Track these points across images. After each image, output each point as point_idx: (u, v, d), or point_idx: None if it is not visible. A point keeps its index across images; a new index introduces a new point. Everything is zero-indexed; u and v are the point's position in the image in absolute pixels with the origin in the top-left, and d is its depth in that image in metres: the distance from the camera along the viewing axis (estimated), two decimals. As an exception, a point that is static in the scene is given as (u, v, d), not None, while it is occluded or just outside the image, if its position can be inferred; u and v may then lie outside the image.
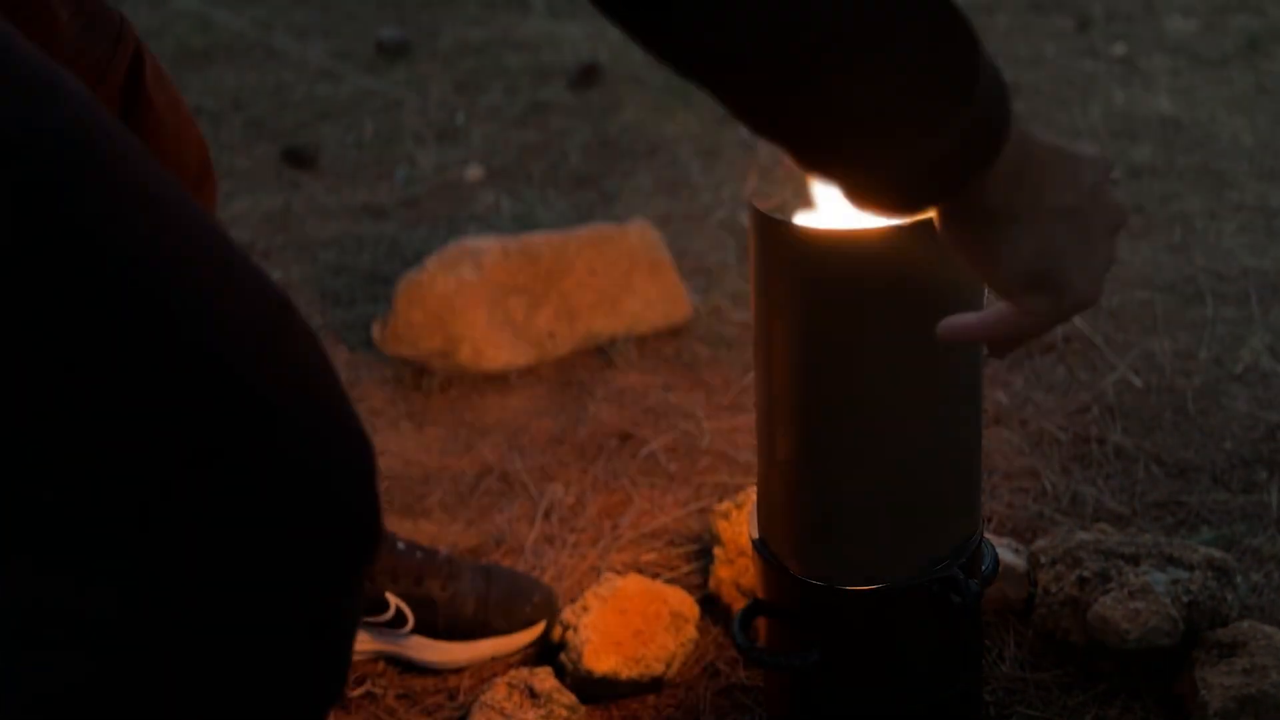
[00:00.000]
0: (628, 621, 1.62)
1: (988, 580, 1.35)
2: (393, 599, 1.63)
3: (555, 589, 1.75)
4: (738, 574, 1.69)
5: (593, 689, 1.59)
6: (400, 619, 1.64)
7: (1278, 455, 1.95)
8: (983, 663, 1.52)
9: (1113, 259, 0.97)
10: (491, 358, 2.27)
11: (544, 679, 1.55)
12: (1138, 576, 1.56)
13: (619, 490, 1.97)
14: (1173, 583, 1.55)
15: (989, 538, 1.39)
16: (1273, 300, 2.36)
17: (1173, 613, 1.52)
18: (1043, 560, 1.65)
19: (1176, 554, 1.60)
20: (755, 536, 1.38)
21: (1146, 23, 3.82)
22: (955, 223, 0.95)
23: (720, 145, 3.14)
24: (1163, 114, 3.19)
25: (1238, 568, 1.61)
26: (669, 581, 1.76)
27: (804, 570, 1.32)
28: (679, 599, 1.67)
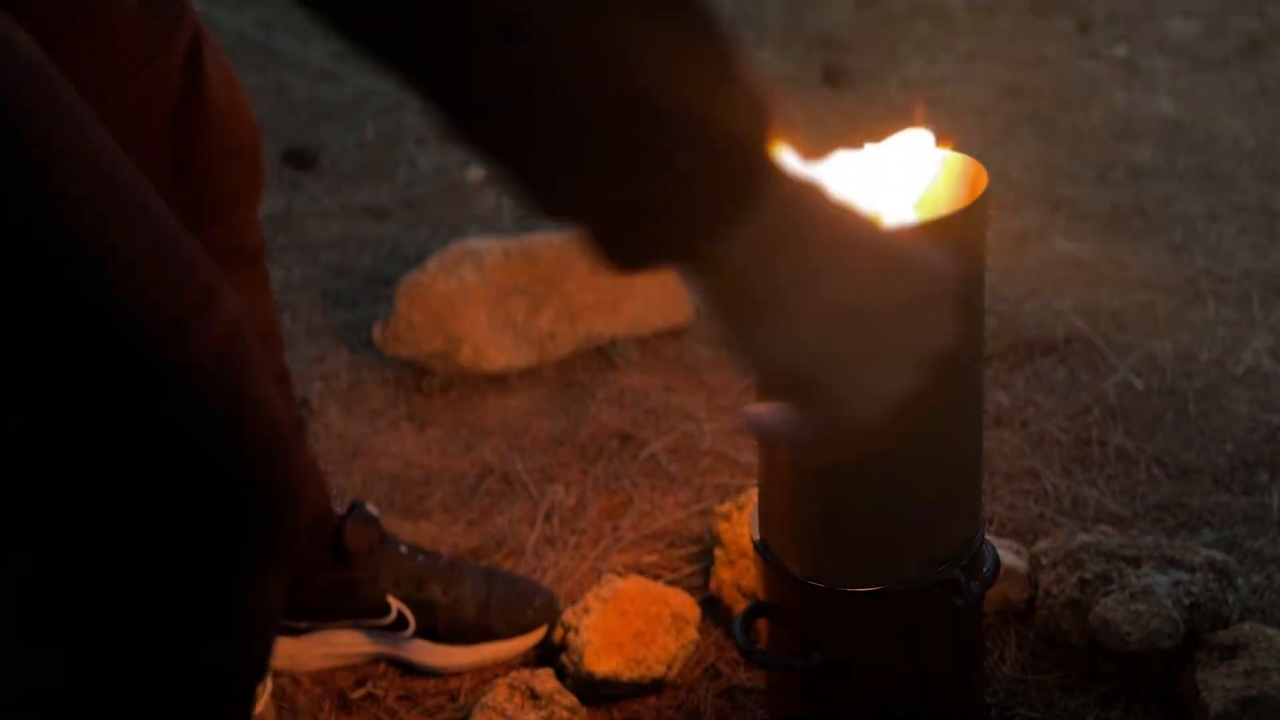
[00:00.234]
0: (629, 623, 1.62)
1: (989, 582, 1.35)
2: (394, 602, 1.64)
3: (556, 590, 1.75)
4: (739, 575, 1.69)
5: (594, 690, 1.59)
6: (402, 622, 1.64)
7: (1279, 457, 1.95)
8: (984, 664, 1.52)
9: (909, 389, 0.80)
10: (492, 359, 2.27)
11: (545, 680, 1.55)
12: (1139, 578, 1.56)
13: (620, 491, 1.97)
14: (1174, 585, 1.55)
15: (990, 539, 1.39)
16: (1274, 302, 2.36)
17: (1174, 615, 1.52)
18: (1044, 562, 1.65)
19: (1178, 556, 1.60)
20: (756, 538, 1.38)
21: (1147, 24, 3.82)
22: (711, 296, 0.77)
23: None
24: (1164, 116, 3.19)
25: (1239, 570, 1.61)
26: (670, 583, 1.76)
27: (805, 572, 1.32)
28: (680, 600, 1.67)
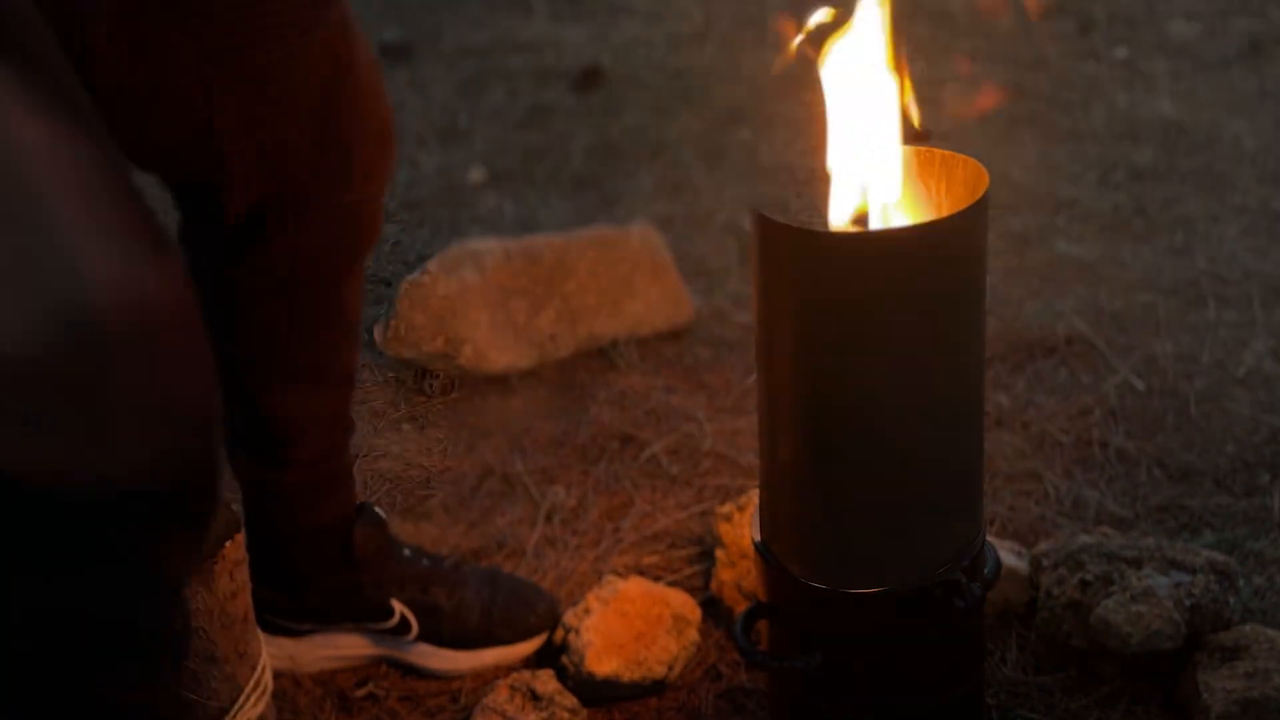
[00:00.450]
0: (629, 624, 1.62)
1: (990, 583, 1.35)
2: (398, 606, 1.64)
3: (557, 591, 1.76)
4: (740, 576, 1.69)
5: (594, 691, 1.59)
6: (405, 626, 1.64)
7: (1280, 458, 1.95)
8: (985, 666, 1.52)
9: None
10: (493, 360, 2.27)
11: (546, 681, 1.55)
12: (1140, 580, 1.56)
13: (621, 492, 1.97)
14: (1175, 586, 1.55)
15: (991, 541, 1.39)
16: (1275, 303, 2.36)
17: (1175, 616, 1.52)
18: (1045, 563, 1.65)
19: (1179, 557, 1.60)
20: (757, 539, 1.38)
21: (1148, 26, 3.82)
22: None
23: (722, 148, 3.14)
24: (1165, 117, 3.19)
25: (1240, 571, 1.61)
26: (671, 584, 1.76)
27: (806, 573, 1.32)
28: (681, 601, 1.67)
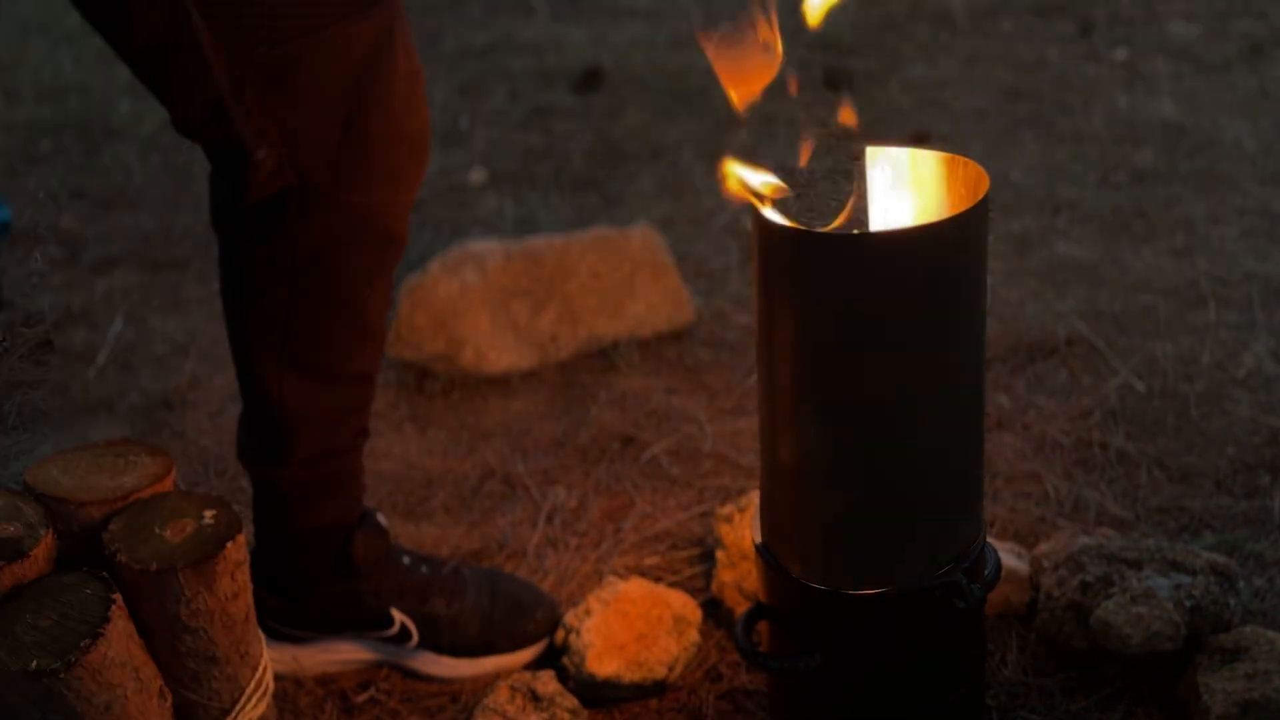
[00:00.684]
0: (630, 625, 1.62)
1: (990, 585, 1.35)
2: (398, 615, 1.64)
3: (558, 592, 1.76)
4: (740, 578, 1.69)
5: (595, 692, 1.59)
6: (405, 635, 1.65)
7: (1280, 460, 1.95)
8: (985, 667, 1.52)
9: None
10: (494, 361, 2.27)
11: (546, 682, 1.55)
12: (1140, 581, 1.56)
13: (621, 493, 1.97)
14: (1175, 587, 1.55)
15: (991, 542, 1.39)
16: (1275, 304, 2.36)
17: (1175, 617, 1.52)
18: (1045, 565, 1.66)
19: (1179, 559, 1.60)
20: (758, 540, 1.38)
21: (1149, 27, 3.83)
22: None
23: (723, 149, 3.14)
24: (1165, 118, 3.19)
25: (1240, 573, 1.61)
26: (671, 585, 1.76)
27: (807, 574, 1.32)
28: (681, 602, 1.67)
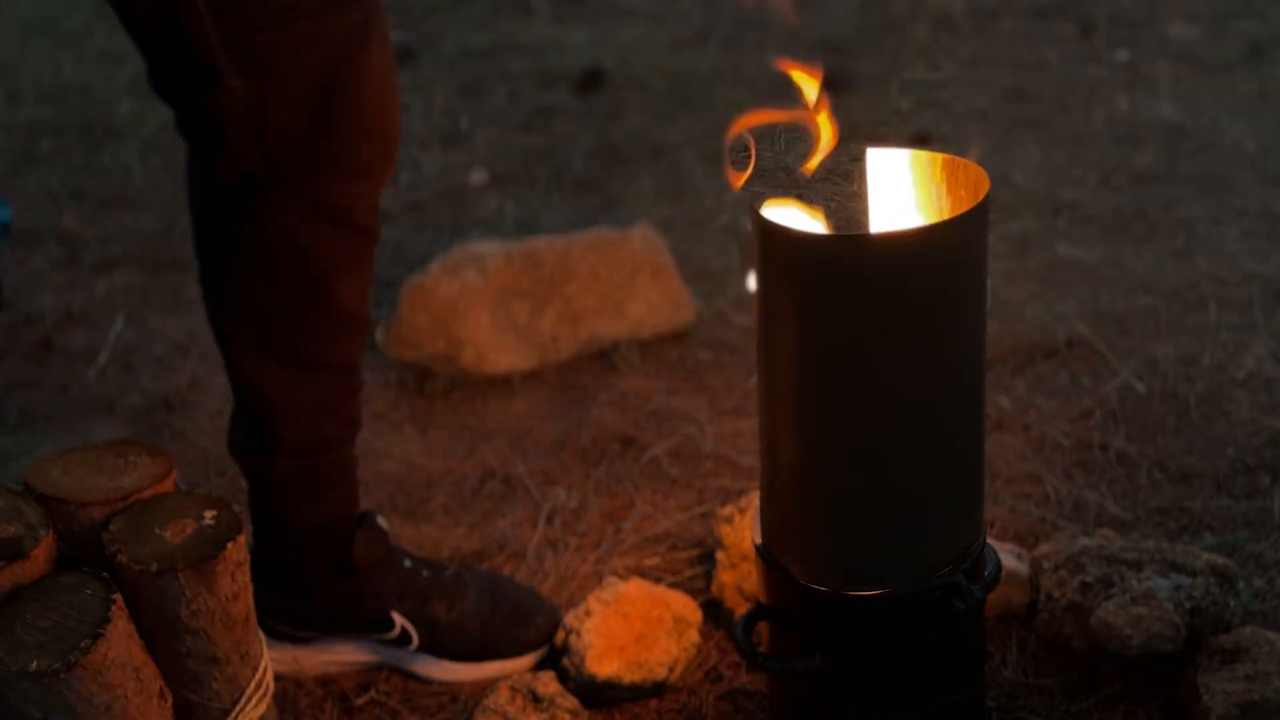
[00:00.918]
0: (630, 626, 1.62)
1: (990, 586, 1.35)
2: (398, 618, 1.64)
3: (558, 593, 1.76)
4: (740, 578, 1.69)
5: (595, 693, 1.59)
6: (405, 638, 1.65)
7: (1281, 461, 1.95)
8: (985, 668, 1.52)
9: None
10: (495, 362, 2.27)
11: (547, 683, 1.55)
12: (1140, 582, 1.56)
13: (621, 494, 1.97)
14: (1175, 589, 1.55)
15: (991, 543, 1.39)
16: (1276, 306, 2.36)
17: (1175, 619, 1.52)
18: (1045, 566, 1.66)
19: (1179, 560, 1.60)
20: (758, 541, 1.38)
21: (1150, 29, 3.83)
22: None
23: (724, 150, 3.14)
24: (1166, 120, 3.19)
25: (1240, 574, 1.61)
26: (672, 586, 1.76)
27: (807, 575, 1.32)
28: (682, 603, 1.67)
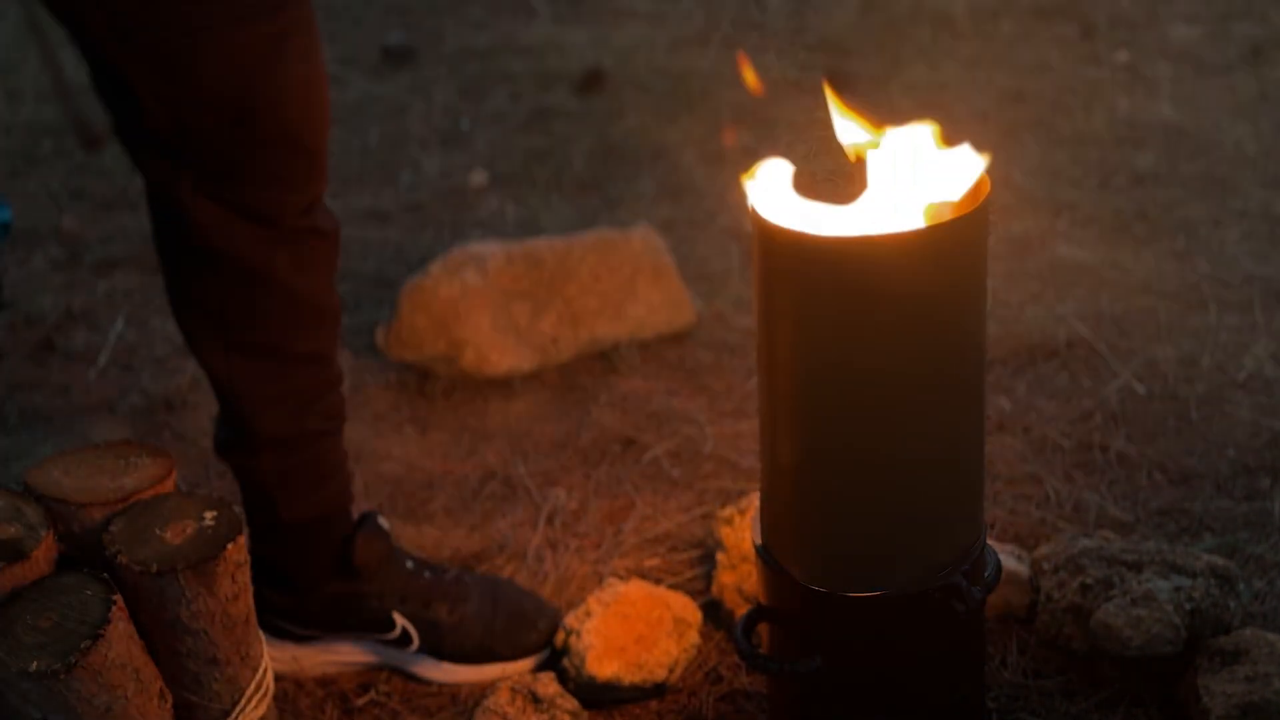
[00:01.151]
0: (630, 627, 1.62)
1: (990, 587, 1.35)
2: (399, 619, 1.64)
3: (558, 595, 1.76)
4: (741, 579, 1.69)
5: (596, 694, 1.59)
6: (406, 639, 1.65)
7: (1281, 462, 1.95)
8: (985, 669, 1.52)
9: None
10: (495, 362, 2.27)
11: (547, 684, 1.55)
12: (1140, 584, 1.56)
13: (622, 495, 1.98)
14: (1175, 590, 1.55)
15: (991, 544, 1.39)
16: (1276, 307, 2.36)
17: (1175, 620, 1.52)
18: (1045, 567, 1.66)
19: (1179, 561, 1.60)
20: (758, 542, 1.38)
21: (1150, 30, 3.82)
22: None
23: (724, 151, 3.14)
24: (1166, 121, 3.19)
25: (1240, 575, 1.61)
26: (672, 587, 1.76)
27: (807, 576, 1.32)
28: (682, 604, 1.67)
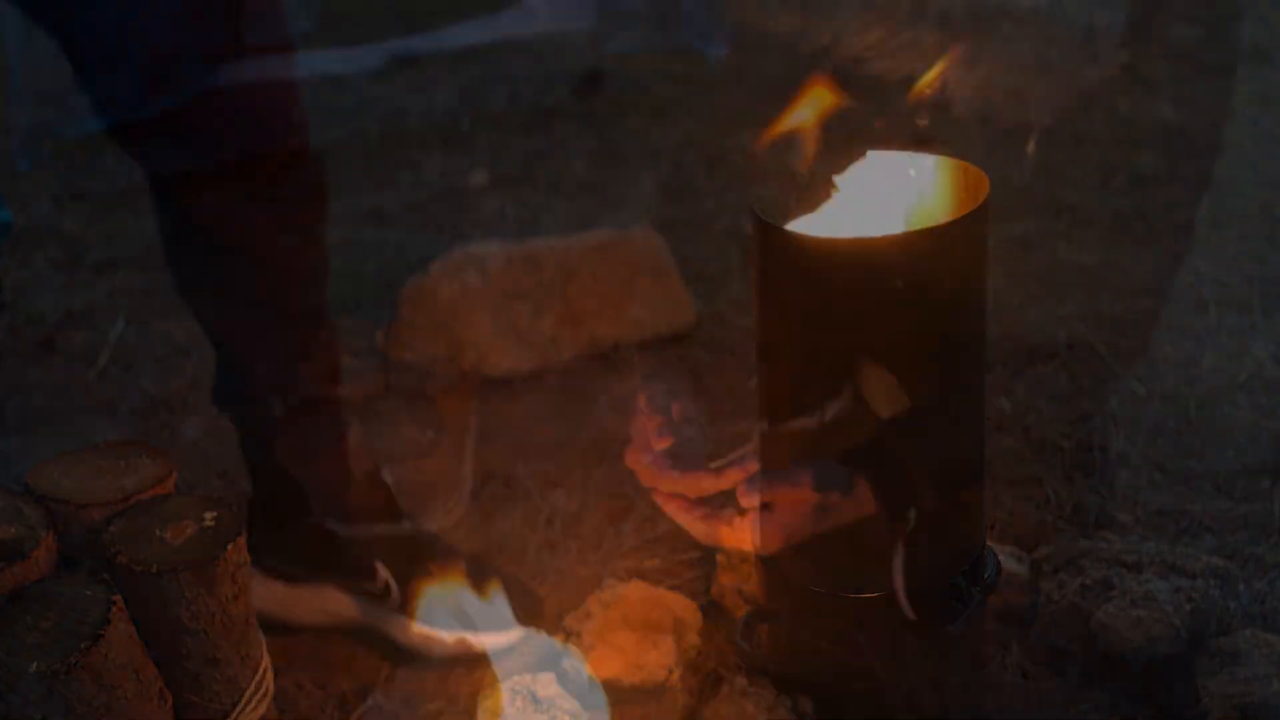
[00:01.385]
0: (630, 628, 1.62)
1: (990, 588, 1.36)
2: (383, 571, 1.67)
3: (558, 595, 1.76)
4: (741, 581, 1.69)
5: (595, 695, 1.59)
6: (387, 593, 1.67)
7: (1280, 463, 1.95)
8: (986, 670, 1.52)
9: None
10: (495, 363, 2.27)
11: (547, 685, 1.55)
12: (1140, 585, 1.56)
13: (622, 496, 1.97)
14: (1175, 591, 1.55)
15: (992, 545, 1.39)
16: (1276, 308, 2.36)
17: (1175, 621, 1.52)
18: (1045, 568, 1.66)
19: (1179, 562, 1.60)
20: (758, 543, 1.38)
21: (1150, 30, 3.82)
22: None
23: (724, 152, 3.14)
24: (1166, 122, 3.19)
25: (1240, 576, 1.61)
26: (672, 588, 1.76)
27: (807, 578, 1.33)
28: (682, 605, 1.67)
